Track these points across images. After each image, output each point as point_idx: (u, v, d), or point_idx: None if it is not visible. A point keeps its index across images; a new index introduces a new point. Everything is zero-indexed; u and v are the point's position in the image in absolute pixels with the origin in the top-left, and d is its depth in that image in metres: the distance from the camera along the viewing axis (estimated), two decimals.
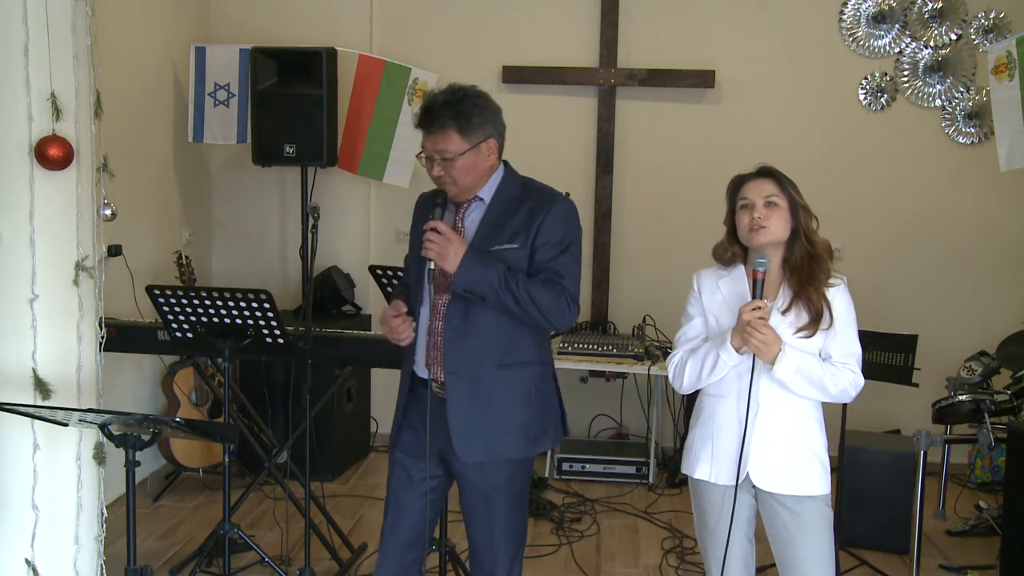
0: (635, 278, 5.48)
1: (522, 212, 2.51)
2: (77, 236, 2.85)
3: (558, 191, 2.60)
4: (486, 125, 2.48)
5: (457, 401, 2.50)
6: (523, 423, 2.56)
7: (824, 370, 2.40)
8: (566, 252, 2.51)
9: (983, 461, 4.95)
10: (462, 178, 2.47)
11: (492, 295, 2.42)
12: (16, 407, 2.52)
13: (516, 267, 2.46)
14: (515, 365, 2.53)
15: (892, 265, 5.31)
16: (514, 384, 2.53)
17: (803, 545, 2.46)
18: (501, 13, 5.41)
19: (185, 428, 2.68)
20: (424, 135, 2.46)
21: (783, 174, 2.49)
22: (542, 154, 5.44)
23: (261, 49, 4.79)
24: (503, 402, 2.52)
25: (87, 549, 2.95)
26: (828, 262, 2.45)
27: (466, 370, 2.49)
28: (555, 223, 2.50)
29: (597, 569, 3.98)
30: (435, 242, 2.41)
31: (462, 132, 2.43)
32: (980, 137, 5.22)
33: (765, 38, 5.30)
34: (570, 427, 2.79)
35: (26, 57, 2.71)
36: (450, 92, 2.45)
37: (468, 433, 2.50)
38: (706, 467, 2.51)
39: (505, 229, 2.50)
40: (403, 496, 2.63)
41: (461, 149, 2.44)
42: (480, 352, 2.49)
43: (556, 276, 2.47)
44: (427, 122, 2.44)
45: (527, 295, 2.42)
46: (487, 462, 2.54)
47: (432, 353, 2.53)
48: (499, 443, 2.53)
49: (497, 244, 2.48)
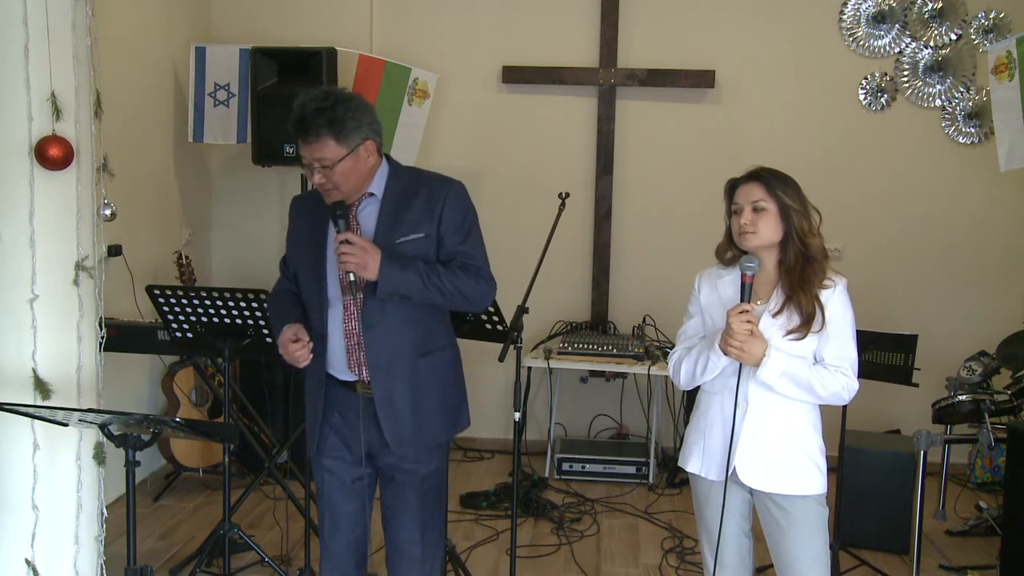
0: (635, 278, 5.48)
1: (419, 201, 2.53)
2: (77, 236, 2.85)
3: (449, 176, 2.64)
4: (361, 128, 2.44)
5: (385, 396, 2.53)
6: (445, 406, 2.64)
7: (813, 373, 2.40)
8: (471, 233, 2.58)
9: (983, 461, 4.95)
10: (344, 183, 2.45)
11: (417, 293, 2.47)
12: (16, 407, 2.51)
13: (424, 256, 2.50)
14: (433, 351, 2.60)
15: (892, 265, 5.31)
16: (434, 370, 2.60)
17: (795, 543, 2.47)
18: (501, 13, 5.41)
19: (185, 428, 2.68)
20: (301, 145, 2.43)
21: (776, 175, 2.46)
22: (542, 154, 5.46)
23: (261, 49, 4.79)
24: (427, 389, 2.58)
25: (87, 549, 2.95)
26: (823, 264, 2.44)
27: (390, 364, 2.52)
28: (455, 208, 2.55)
29: (597, 569, 3.98)
30: (352, 254, 2.39)
31: (338, 138, 2.40)
32: (980, 137, 5.22)
33: (765, 38, 5.30)
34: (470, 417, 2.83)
35: (26, 57, 2.71)
36: (321, 99, 2.40)
37: (400, 425, 2.55)
38: (697, 461, 2.56)
39: (405, 220, 2.51)
40: (338, 502, 2.65)
41: (339, 155, 2.41)
42: (400, 345, 2.53)
43: (469, 259, 2.55)
44: (302, 132, 2.40)
45: (451, 285, 2.49)
46: (418, 450, 2.59)
47: (353, 354, 2.54)
48: (428, 429, 2.60)
49: (401, 236, 2.50)
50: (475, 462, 5.36)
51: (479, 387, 5.49)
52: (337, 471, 2.63)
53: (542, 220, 3.64)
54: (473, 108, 5.46)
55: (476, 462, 5.36)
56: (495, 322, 3.30)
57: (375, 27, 5.42)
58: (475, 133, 5.49)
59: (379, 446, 2.57)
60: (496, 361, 3.14)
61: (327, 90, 2.45)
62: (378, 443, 2.57)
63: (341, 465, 2.62)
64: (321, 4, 5.38)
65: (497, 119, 5.47)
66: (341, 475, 2.63)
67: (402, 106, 5.07)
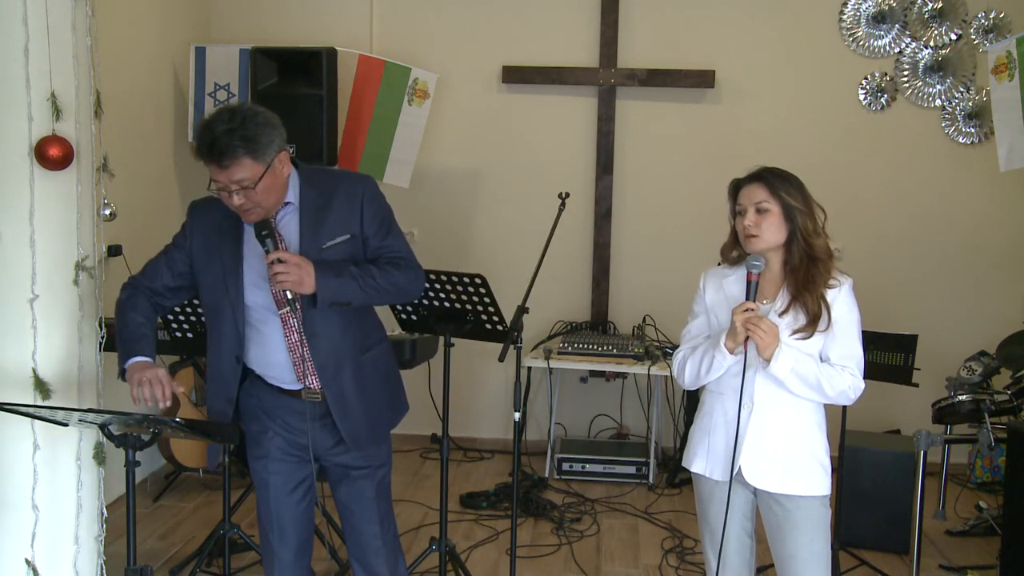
0: (635, 278, 5.48)
1: (337, 202, 2.50)
2: (77, 236, 2.85)
3: (357, 172, 2.64)
4: (274, 140, 2.36)
5: (337, 398, 2.55)
6: (389, 397, 2.71)
7: (822, 371, 2.40)
8: (391, 227, 2.60)
9: (983, 461, 4.94)
10: (266, 200, 2.38)
11: (356, 298, 2.48)
12: (16, 407, 2.51)
13: (352, 256, 2.50)
14: (373, 347, 2.64)
15: (892, 265, 5.31)
16: (376, 364, 2.65)
17: (796, 543, 2.47)
18: (501, 13, 5.41)
19: (185, 428, 2.67)
20: (214, 169, 2.32)
21: (779, 175, 2.46)
22: (542, 154, 5.46)
23: (261, 49, 4.79)
24: (373, 384, 2.63)
25: (87, 549, 2.95)
26: (828, 264, 2.44)
27: (337, 367, 2.54)
28: (373, 204, 2.55)
29: (597, 569, 3.97)
30: (287, 272, 2.35)
31: (254, 156, 2.31)
32: (980, 137, 5.22)
33: (765, 38, 5.30)
34: None
35: (26, 57, 2.71)
36: (228, 119, 2.30)
37: (355, 423, 2.58)
38: (702, 462, 2.55)
39: (327, 223, 2.49)
40: (283, 506, 2.65)
41: (258, 173, 2.33)
42: (344, 347, 2.55)
43: (394, 252, 2.57)
44: (216, 156, 2.29)
45: (387, 283, 2.51)
46: (372, 444, 2.64)
47: (300, 366, 2.53)
48: (379, 422, 2.67)
49: (328, 240, 2.49)
50: (475, 462, 5.36)
51: (479, 387, 5.51)
52: (283, 474, 2.63)
53: (542, 220, 3.64)
54: (473, 108, 5.46)
55: (476, 462, 5.36)
56: (495, 322, 3.30)
57: (375, 27, 5.43)
58: (475, 133, 5.49)
59: (329, 447, 2.61)
60: (496, 361, 3.13)
61: (230, 108, 2.36)
62: (328, 444, 2.60)
63: (286, 468, 2.63)
64: (321, 4, 5.38)
65: (497, 119, 5.47)
66: (287, 479, 2.63)
67: (402, 106, 5.07)
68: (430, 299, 3.27)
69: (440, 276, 3.22)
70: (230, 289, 2.50)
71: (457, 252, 5.44)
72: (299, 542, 2.69)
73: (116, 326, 2.55)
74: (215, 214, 2.53)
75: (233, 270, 2.50)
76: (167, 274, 2.59)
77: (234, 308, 2.50)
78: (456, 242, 5.51)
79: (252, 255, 2.49)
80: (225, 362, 2.55)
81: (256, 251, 2.46)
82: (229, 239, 2.51)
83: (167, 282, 2.59)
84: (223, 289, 2.51)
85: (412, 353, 3.86)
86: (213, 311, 2.56)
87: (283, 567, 2.68)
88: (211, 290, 2.55)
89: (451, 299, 3.25)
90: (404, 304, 3.30)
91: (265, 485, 2.64)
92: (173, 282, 2.60)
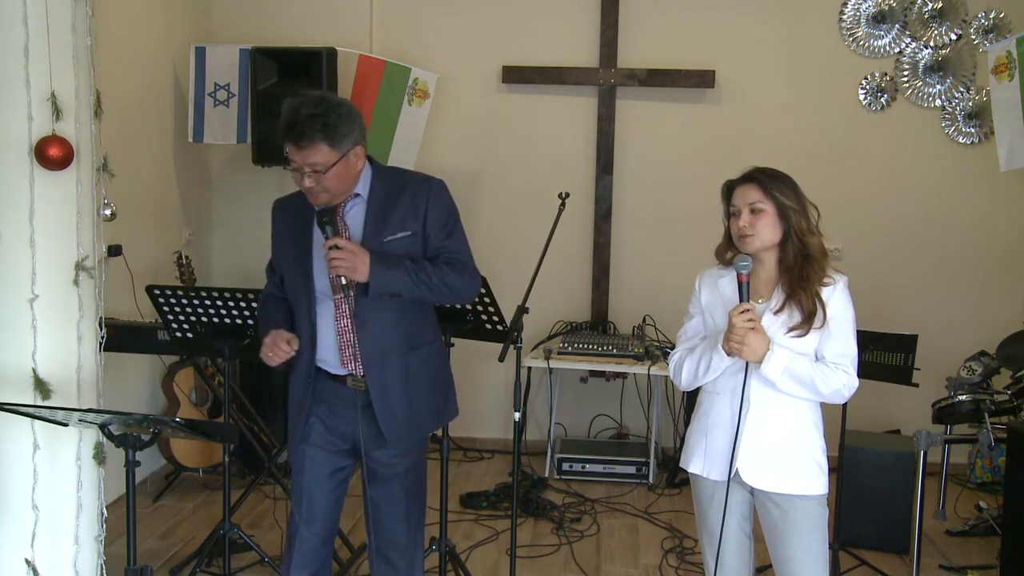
0: (635, 278, 5.48)
1: (404, 200, 2.58)
2: (77, 236, 2.85)
3: (429, 175, 2.69)
4: (353, 133, 2.48)
5: (380, 390, 2.59)
6: (435, 399, 2.73)
7: (815, 370, 2.41)
8: (455, 229, 2.65)
9: (983, 461, 4.95)
10: (334, 186, 2.49)
11: (407, 291, 2.53)
12: (16, 407, 2.51)
13: (412, 253, 2.57)
14: (423, 345, 2.68)
15: (892, 265, 5.31)
16: (424, 363, 2.67)
17: (792, 543, 2.47)
18: (501, 13, 5.41)
19: (185, 428, 2.68)
20: (292, 149, 2.45)
21: (772, 175, 2.46)
22: (542, 154, 5.46)
23: (261, 49, 4.80)
24: (418, 382, 2.65)
25: (87, 549, 2.95)
26: (823, 262, 2.44)
27: (383, 359, 2.58)
28: (439, 205, 2.61)
29: (597, 569, 3.98)
30: (342, 258, 2.44)
31: (332, 143, 2.43)
32: (980, 137, 5.22)
33: (765, 38, 5.30)
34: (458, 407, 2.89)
35: (26, 57, 2.71)
36: (315, 104, 2.43)
37: (395, 418, 2.61)
38: (700, 462, 2.56)
39: (391, 219, 2.57)
40: (316, 492, 2.69)
41: (332, 160, 2.45)
42: (392, 340, 2.59)
43: (455, 254, 2.63)
44: (296, 136, 2.42)
45: (439, 281, 2.56)
46: (409, 443, 2.66)
47: (346, 350, 2.59)
48: (420, 422, 2.69)
49: (389, 235, 2.56)
50: (475, 462, 5.36)
51: (479, 387, 5.51)
52: (319, 460, 2.67)
53: (542, 220, 3.64)
54: (473, 108, 5.46)
55: (476, 462, 5.36)
56: (495, 322, 3.31)
57: (375, 27, 5.42)
58: (475, 133, 5.49)
59: (369, 440, 2.61)
60: (496, 361, 3.14)
61: (320, 95, 2.49)
62: (369, 437, 2.61)
63: (323, 455, 2.67)
64: (321, 4, 5.38)
65: (497, 119, 5.47)
66: (322, 465, 2.67)
67: (402, 106, 5.07)
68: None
69: None
70: (302, 277, 2.60)
71: None
72: (323, 532, 2.72)
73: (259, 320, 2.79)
74: (292, 208, 2.68)
75: (304, 259, 2.60)
76: (271, 278, 2.79)
77: (307, 294, 2.60)
78: None
79: (320, 244, 2.57)
80: (305, 345, 2.62)
81: (321, 242, 2.54)
82: (304, 230, 2.62)
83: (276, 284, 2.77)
84: (298, 277, 2.62)
85: None
86: (292, 298, 2.69)
87: (305, 549, 2.70)
88: (290, 279, 2.68)
89: None
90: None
91: (301, 468, 2.69)
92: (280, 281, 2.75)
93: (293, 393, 2.70)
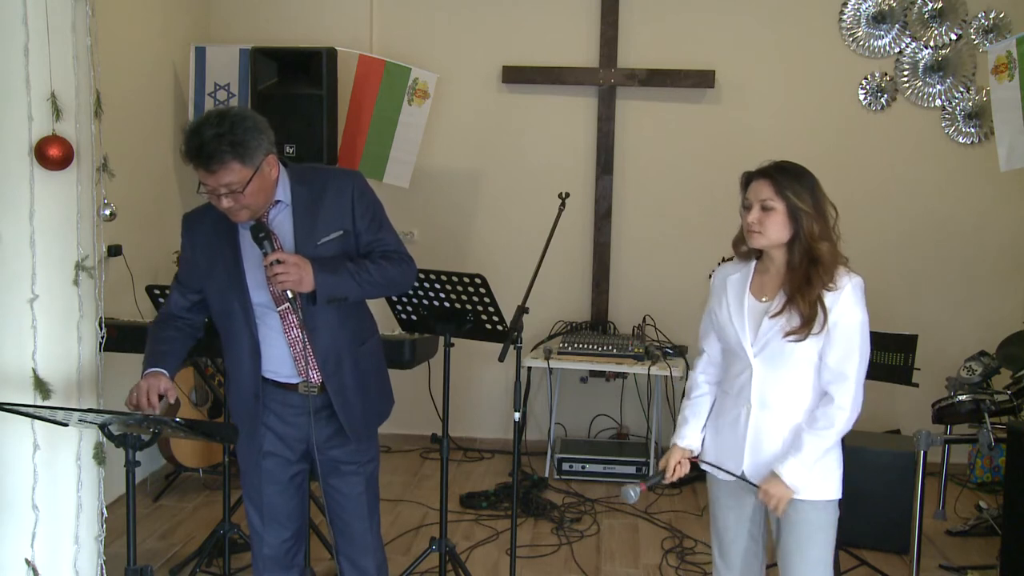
0: (635, 278, 5.48)
1: (328, 199, 2.54)
2: (77, 236, 2.85)
3: (345, 168, 2.69)
4: (263, 144, 2.39)
5: (338, 391, 2.60)
6: (381, 389, 2.79)
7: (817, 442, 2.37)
8: (383, 220, 2.64)
9: (983, 461, 4.94)
10: (254, 202, 2.42)
11: (353, 293, 2.53)
12: (16, 407, 2.51)
13: (346, 251, 2.55)
14: (367, 339, 2.71)
15: (892, 265, 5.31)
16: (372, 355, 2.72)
17: (796, 546, 2.46)
18: (501, 13, 5.41)
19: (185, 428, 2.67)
20: (203, 174, 2.35)
21: (789, 173, 2.41)
22: (542, 154, 5.46)
23: (261, 49, 4.79)
24: (368, 374, 2.69)
25: (87, 549, 2.95)
26: (831, 268, 2.38)
27: (337, 361, 2.59)
28: (364, 199, 2.59)
29: (597, 569, 3.98)
30: (286, 272, 2.39)
31: (243, 160, 2.34)
32: (980, 137, 5.22)
33: (765, 38, 5.30)
34: None
35: (26, 57, 2.70)
36: (217, 123, 2.32)
37: (354, 415, 2.63)
38: (712, 459, 2.58)
39: (319, 220, 2.53)
40: (277, 500, 2.68)
41: (246, 177, 2.36)
42: (342, 340, 2.60)
43: (388, 246, 2.62)
44: (204, 161, 2.32)
45: (381, 277, 2.55)
46: (367, 436, 2.70)
47: (300, 360, 2.56)
48: (374, 413, 2.74)
49: (322, 237, 2.52)
50: (475, 462, 5.36)
51: (479, 387, 5.51)
52: (275, 470, 2.66)
53: (542, 220, 3.64)
54: (473, 108, 5.46)
55: (476, 462, 5.36)
56: (495, 322, 3.30)
57: (375, 27, 5.42)
58: (475, 133, 5.49)
59: (323, 440, 2.63)
60: (496, 361, 3.13)
61: (220, 111, 2.39)
62: (323, 438, 2.63)
63: (279, 463, 2.67)
64: (321, 4, 5.38)
65: (497, 119, 5.46)
66: (278, 473, 2.67)
67: (402, 106, 5.07)
68: (430, 299, 3.27)
69: (440, 276, 3.21)
70: (237, 292, 2.53)
71: (457, 252, 5.44)
72: (290, 534, 2.72)
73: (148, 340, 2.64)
74: (208, 222, 2.58)
75: (236, 273, 2.53)
76: (181, 297, 2.66)
77: (244, 309, 2.54)
78: (456, 242, 5.51)
79: (250, 256, 2.52)
80: (245, 361, 2.58)
81: (253, 252, 2.49)
82: (227, 244, 2.55)
83: (184, 303, 2.66)
84: (230, 293, 2.55)
85: (412, 353, 3.85)
86: (224, 315, 2.60)
87: (269, 558, 2.71)
88: (219, 295, 2.59)
89: (451, 299, 3.24)
90: (402, 301, 3.32)
91: (257, 478, 2.68)
92: (189, 300, 2.66)
93: (240, 406, 2.65)
